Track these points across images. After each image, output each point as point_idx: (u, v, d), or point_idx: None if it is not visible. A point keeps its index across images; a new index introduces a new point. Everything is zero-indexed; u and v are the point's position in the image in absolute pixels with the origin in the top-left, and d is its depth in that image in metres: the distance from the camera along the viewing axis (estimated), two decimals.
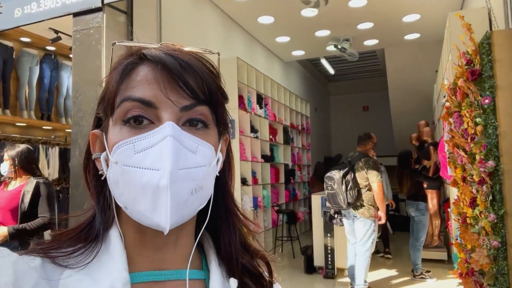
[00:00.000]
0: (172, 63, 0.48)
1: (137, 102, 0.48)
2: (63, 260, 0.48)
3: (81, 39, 2.85)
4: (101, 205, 0.54)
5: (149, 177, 0.45)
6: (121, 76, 0.50)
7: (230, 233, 0.56)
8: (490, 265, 2.09)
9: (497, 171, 2.04)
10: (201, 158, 0.48)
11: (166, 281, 0.51)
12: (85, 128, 2.77)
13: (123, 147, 0.47)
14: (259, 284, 0.56)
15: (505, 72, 2.01)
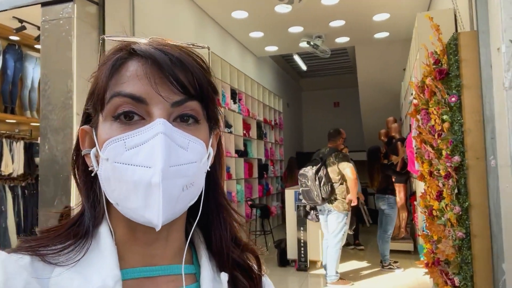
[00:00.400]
0: (162, 58, 0.48)
1: (127, 97, 0.47)
2: (53, 258, 0.47)
3: (50, 30, 2.75)
4: (90, 201, 0.53)
5: (140, 174, 0.45)
6: (110, 71, 0.49)
7: (221, 228, 0.57)
8: (455, 254, 2.21)
9: (462, 166, 2.15)
10: (192, 154, 0.48)
11: (157, 277, 0.52)
12: (55, 122, 2.68)
13: (114, 144, 0.47)
14: (249, 278, 0.57)
15: (471, 72, 2.12)
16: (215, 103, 0.54)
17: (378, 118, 7.78)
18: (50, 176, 2.66)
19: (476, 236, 2.11)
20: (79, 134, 0.54)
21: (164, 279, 0.52)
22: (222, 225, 0.57)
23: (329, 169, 3.98)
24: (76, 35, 2.69)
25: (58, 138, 2.67)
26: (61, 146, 2.65)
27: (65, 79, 2.67)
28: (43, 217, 2.67)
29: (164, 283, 0.51)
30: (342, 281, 3.96)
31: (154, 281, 0.51)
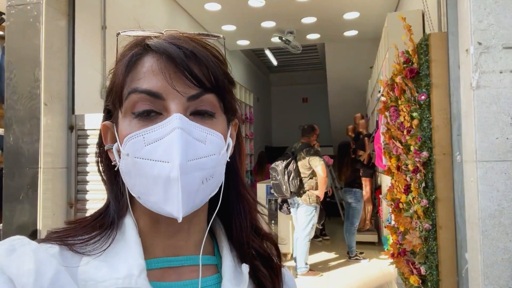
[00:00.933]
0: (176, 53, 0.48)
1: (144, 94, 0.48)
2: (80, 247, 0.49)
3: (16, 15, 2.61)
4: (114, 194, 0.55)
5: (159, 169, 0.46)
6: (126, 68, 0.50)
7: (241, 218, 0.58)
8: (421, 245, 2.33)
9: (430, 161, 2.26)
10: (211, 147, 0.49)
11: (180, 267, 0.53)
12: (21, 112, 2.56)
13: (134, 139, 0.48)
14: (269, 267, 0.59)
15: (440, 72, 2.23)
16: (232, 94, 0.55)
17: (345, 114, 7.99)
18: (15, 168, 2.55)
19: (442, 228, 2.23)
20: (101, 129, 0.56)
21: (187, 269, 0.53)
22: (242, 215, 0.58)
23: (299, 163, 4.05)
24: (45, 22, 2.57)
25: (24, 129, 2.55)
26: (27, 138, 2.54)
27: (32, 67, 2.55)
28: (8, 212, 2.55)
29: (187, 273, 0.53)
30: (312, 272, 4.06)
31: (177, 271, 0.53)
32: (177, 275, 0.52)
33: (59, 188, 2.65)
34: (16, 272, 0.42)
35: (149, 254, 0.51)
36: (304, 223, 3.99)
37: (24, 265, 0.43)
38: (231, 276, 0.53)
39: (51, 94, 2.59)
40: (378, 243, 5.37)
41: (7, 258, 0.44)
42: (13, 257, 0.44)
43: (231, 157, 0.56)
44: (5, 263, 0.43)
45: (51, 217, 2.59)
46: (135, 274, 0.47)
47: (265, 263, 0.59)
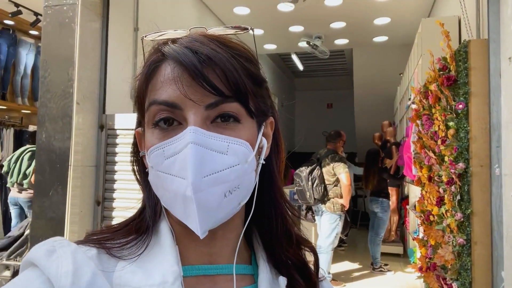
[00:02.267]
0: (190, 60, 0.46)
1: (162, 105, 0.47)
2: (117, 251, 0.48)
3: (52, 16, 2.67)
4: (149, 199, 0.54)
5: (178, 185, 0.45)
6: (145, 78, 0.49)
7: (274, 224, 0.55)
8: (454, 260, 2.23)
9: (466, 173, 2.16)
10: (234, 157, 0.46)
11: (216, 275, 0.51)
12: (54, 110, 2.62)
13: (155, 152, 0.47)
14: (306, 277, 0.56)
15: (479, 80, 2.13)
16: (259, 95, 0.52)
17: (371, 121, 7.84)
18: (47, 165, 2.60)
19: (477, 243, 2.13)
20: (135, 136, 0.56)
21: (223, 277, 0.52)
22: (275, 221, 0.55)
23: (324, 170, 3.99)
24: (80, 22, 2.62)
25: (56, 127, 2.60)
26: (59, 135, 2.59)
27: (66, 67, 2.61)
28: (37, 207, 2.60)
29: (222, 282, 0.51)
30: (335, 282, 3.97)
31: (213, 280, 0.51)
32: (212, 283, 0.51)
33: (87, 186, 2.69)
34: (55, 273, 0.42)
35: (184, 260, 0.50)
36: (328, 231, 3.91)
37: (63, 266, 0.43)
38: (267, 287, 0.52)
39: (84, 93, 2.64)
40: (403, 255, 5.21)
41: (47, 258, 0.44)
42: (52, 257, 0.44)
43: (267, 159, 0.53)
44: (45, 263, 0.43)
45: (79, 214, 2.63)
46: (169, 281, 0.46)
47: (301, 273, 0.56)
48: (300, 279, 0.55)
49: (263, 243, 0.56)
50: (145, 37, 0.53)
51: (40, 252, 0.45)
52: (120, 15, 3.06)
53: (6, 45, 5.44)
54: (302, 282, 0.55)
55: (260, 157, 0.51)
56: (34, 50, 5.88)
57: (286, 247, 0.55)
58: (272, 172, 0.56)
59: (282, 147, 0.59)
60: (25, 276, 0.44)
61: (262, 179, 0.52)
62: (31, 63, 5.86)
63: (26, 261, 0.46)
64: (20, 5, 4.78)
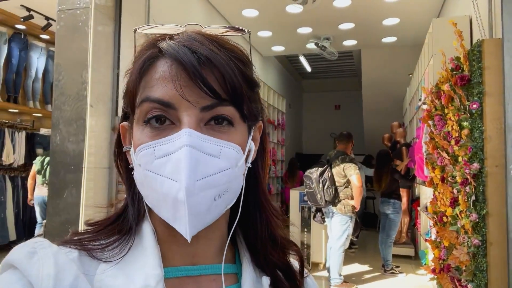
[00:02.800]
0: (188, 59, 0.45)
1: (155, 103, 0.45)
2: (99, 253, 0.47)
3: (66, 20, 2.71)
4: (131, 197, 0.53)
5: (168, 187, 0.44)
6: (139, 73, 0.47)
7: (258, 226, 0.55)
8: (469, 262, 2.21)
9: (481, 173, 2.14)
10: (226, 161, 0.46)
11: (199, 276, 0.51)
12: (68, 113, 2.65)
13: (145, 151, 0.46)
14: (290, 279, 0.56)
15: (494, 80, 2.12)
16: (253, 99, 0.51)
17: (380, 122, 7.80)
18: (61, 167, 2.63)
19: (492, 244, 2.11)
20: (120, 130, 0.53)
21: (206, 278, 0.51)
22: (259, 223, 0.55)
23: (334, 171, 3.97)
24: (93, 26, 2.65)
25: (70, 130, 2.64)
26: (73, 138, 2.62)
27: (80, 70, 2.64)
28: (52, 209, 2.63)
29: (206, 282, 0.51)
30: (346, 284, 3.95)
31: (196, 280, 0.51)
32: (196, 284, 0.50)
33: (100, 188, 2.72)
34: (36, 276, 0.41)
35: (167, 262, 0.49)
36: (339, 233, 3.89)
37: (44, 269, 0.42)
38: (250, 286, 0.51)
39: (97, 96, 2.66)
40: (414, 257, 5.17)
41: (28, 261, 0.43)
42: (33, 260, 0.43)
43: (253, 162, 0.53)
44: (25, 266, 0.42)
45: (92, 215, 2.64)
46: (151, 285, 0.45)
47: (284, 273, 0.56)
48: (284, 280, 0.55)
49: (246, 244, 0.56)
50: (138, 29, 0.52)
51: (21, 254, 0.43)
52: (132, 19, 3.09)
53: (18, 49, 5.52)
54: (286, 283, 0.55)
55: (248, 160, 0.50)
56: (45, 54, 5.95)
57: (271, 250, 0.55)
58: (257, 175, 0.55)
59: (268, 151, 0.59)
60: (5, 279, 0.43)
61: (248, 182, 0.52)
62: (42, 66, 5.94)
63: (6, 262, 0.44)
64: (32, 10, 4.85)
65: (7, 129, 5.28)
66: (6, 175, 5.32)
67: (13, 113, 5.71)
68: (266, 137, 0.58)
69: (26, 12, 4.84)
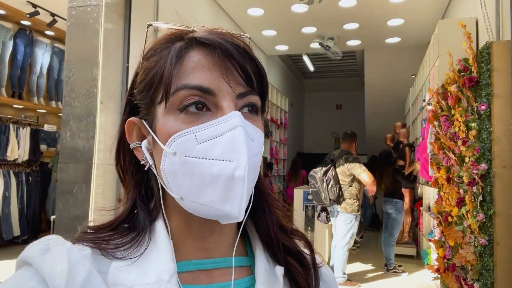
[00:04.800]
0: (232, 49, 0.47)
1: (195, 90, 0.46)
2: (113, 252, 0.48)
3: (77, 17, 2.72)
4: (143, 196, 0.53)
5: (220, 168, 0.44)
6: (172, 62, 0.47)
7: (266, 214, 0.56)
8: (475, 261, 2.24)
9: (489, 174, 2.17)
10: (259, 146, 0.49)
11: (213, 269, 0.51)
12: (78, 110, 2.67)
13: (183, 138, 0.45)
14: (301, 264, 0.56)
15: (502, 81, 2.14)
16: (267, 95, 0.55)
17: (382, 122, 7.82)
18: (71, 163, 2.65)
19: (499, 244, 2.13)
20: (125, 126, 0.52)
21: (219, 271, 0.51)
22: (267, 211, 0.56)
23: (338, 170, 3.99)
24: (104, 23, 2.67)
25: (80, 126, 2.65)
26: (83, 134, 2.64)
27: (91, 67, 2.66)
28: (61, 204, 2.65)
29: (220, 276, 0.51)
30: (350, 283, 3.98)
31: (210, 274, 0.51)
32: (209, 278, 0.51)
33: (109, 184, 2.73)
34: (49, 272, 0.42)
35: (180, 256, 0.50)
36: (343, 232, 3.91)
37: (57, 265, 0.42)
38: (264, 278, 0.51)
39: (107, 93, 2.68)
40: (416, 256, 5.20)
41: (41, 257, 0.43)
42: (47, 256, 0.43)
43: None
44: (39, 263, 0.43)
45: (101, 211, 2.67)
46: (165, 279, 0.45)
47: (296, 259, 0.56)
48: (298, 266, 0.55)
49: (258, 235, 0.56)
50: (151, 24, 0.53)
51: (34, 251, 0.44)
52: (142, 16, 3.10)
53: (23, 45, 5.53)
54: (300, 268, 0.55)
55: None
56: (50, 51, 5.96)
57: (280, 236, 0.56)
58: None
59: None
60: (19, 275, 0.43)
61: None
62: (47, 63, 5.95)
63: (20, 260, 0.44)
64: (38, 6, 4.86)
65: (11, 125, 5.29)
66: (11, 170, 5.33)
67: (18, 109, 5.72)
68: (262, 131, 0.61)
69: (32, 8, 4.85)
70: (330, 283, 0.60)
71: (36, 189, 5.69)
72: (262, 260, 0.53)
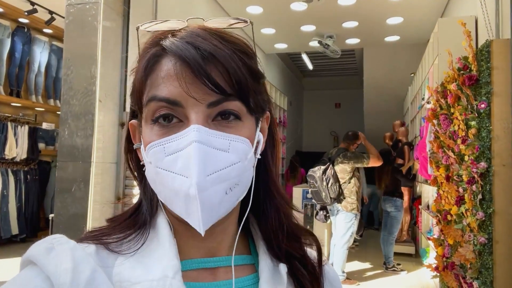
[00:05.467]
0: (192, 56, 0.45)
1: (163, 102, 0.46)
2: (116, 246, 0.48)
3: (75, 14, 2.71)
4: (146, 192, 0.54)
5: (180, 183, 0.44)
6: (145, 72, 0.47)
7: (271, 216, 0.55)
8: (475, 259, 2.24)
9: (488, 172, 2.17)
10: (235, 155, 0.46)
11: (216, 268, 0.51)
12: (76, 108, 2.65)
13: (155, 148, 0.46)
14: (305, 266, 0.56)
15: (502, 80, 2.14)
16: (259, 91, 0.51)
17: (380, 121, 7.82)
18: (69, 162, 2.64)
19: (498, 242, 2.13)
20: (129, 127, 0.54)
21: (223, 269, 0.52)
22: (273, 213, 0.55)
23: (337, 168, 3.99)
24: (102, 20, 2.66)
25: (78, 124, 2.64)
26: (82, 132, 2.63)
27: (89, 64, 2.64)
28: (60, 203, 2.64)
29: (223, 274, 0.51)
30: (349, 281, 3.98)
31: (213, 272, 0.51)
32: (213, 275, 0.51)
33: (108, 182, 2.73)
34: (54, 270, 0.42)
35: (184, 255, 0.50)
36: (343, 230, 3.92)
37: (62, 264, 0.42)
38: (268, 276, 0.51)
39: (106, 91, 2.67)
40: (415, 255, 5.21)
41: (46, 256, 0.43)
42: (51, 255, 0.43)
43: (263, 153, 0.53)
44: (43, 261, 0.43)
45: (100, 210, 2.66)
46: (169, 275, 0.46)
47: (300, 261, 0.56)
48: (301, 268, 0.55)
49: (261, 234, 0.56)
50: (140, 26, 0.51)
51: (39, 250, 0.44)
52: (140, 14, 3.09)
53: (21, 43, 5.50)
54: (303, 270, 0.55)
55: (257, 152, 0.51)
56: (48, 48, 5.94)
57: (282, 238, 0.55)
58: (267, 166, 0.56)
59: (278, 140, 0.59)
60: (24, 274, 0.44)
61: (258, 173, 0.52)
62: (45, 61, 5.92)
63: (25, 259, 0.45)
64: (36, 4, 4.83)
65: (9, 123, 5.27)
66: (9, 169, 5.32)
67: (16, 107, 5.70)
68: (275, 126, 0.58)
69: (30, 6, 4.83)
70: (334, 281, 0.60)
71: (35, 188, 5.67)
72: (265, 259, 0.53)
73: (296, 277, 0.54)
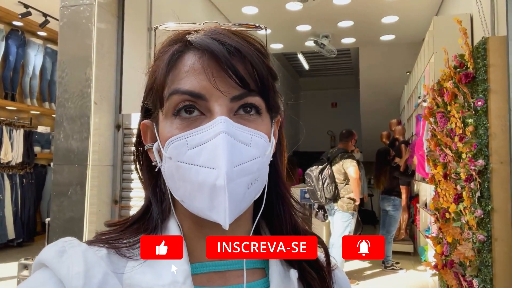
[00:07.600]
0: (219, 50, 0.45)
1: (186, 95, 0.46)
2: (127, 251, 0.48)
3: (69, 16, 2.69)
4: (155, 195, 0.53)
5: (204, 175, 0.44)
6: (167, 67, 0.48)
7: (282, 218, 0.55)
8: (474, 257, 2.23)
9: (486, 170, 2.17)
10: (256, 150, 0.47)
11: (226, 271, 0.51)
12: (71, 110, 2.63)
13: (176, 142, 0.46)
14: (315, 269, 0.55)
15: (499, 77, 2.14)
16: (275, 91, 0.52)
17: (377, 120, 7.83)
18: (65, 165, 2.61)
19: (497, 240, 2.13)
20: (140, 128, 0.54)
21: (233, 273, 0.51)
22: (283, 215, 0.55)
23: (334, 168, 3.99)
24: (97, 22, 2.63)
25: (74, 127, 2.62)
26: (77, 135, 2.60)
27: (84, 67, 2.62)
28: (56, 207, 2.61)
29: (233, 278, 0.51)
30: None
31: (223, 276, 0.51)
32: (223, 279, 0.51)
33: (104, 185, 2.70)
34: (66, 274, 0.42)
35: (194, 258, 0.50)
36: (340, 230, 3.91)
37: (74, 267, 0.42)
38: (279, 281, 0.51)
39: (101, 93, 2.65)
40: (413, 253, 5.21)
41: (58, 259, 0.43)
42: (63, 258, 0.43)
43: (273, 156, 0.53)
44: (56, 265, 0.43)
45: (97, 213, 2.64)
46: (179, 281, 0.45)
47: (311, 267, 0.55)
48: (312, 271, 0.54)
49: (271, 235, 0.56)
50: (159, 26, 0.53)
51: (51, 253, 0.44)
52: (135, 15, 3.07)
53: (15, 46, 5.47)
54: (314, 273, 0.54)
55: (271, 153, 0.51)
56: (42, 51, 5.91)
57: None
58: (278, 168, 0.56)
59: (285, 146, 0.59)
60: (37, 278, 0.44)
61: (269, 176, 0.52)
62: (39, 64, 5.89)
63: (37, 262, 0.45)
64: (30, 6, 4.80)
65: (4, 127, 5.23)
66: (5, 173, 5.28)
67: (11, 111, 5.66)
68: (283, 133, 0.59)
69: (24, 8, 4.80)
70: (344, 286, 0.60)
71: (31, 192, 5.64)
72: (275, 263, 0.53)
73: (306, 281, 0.54)
